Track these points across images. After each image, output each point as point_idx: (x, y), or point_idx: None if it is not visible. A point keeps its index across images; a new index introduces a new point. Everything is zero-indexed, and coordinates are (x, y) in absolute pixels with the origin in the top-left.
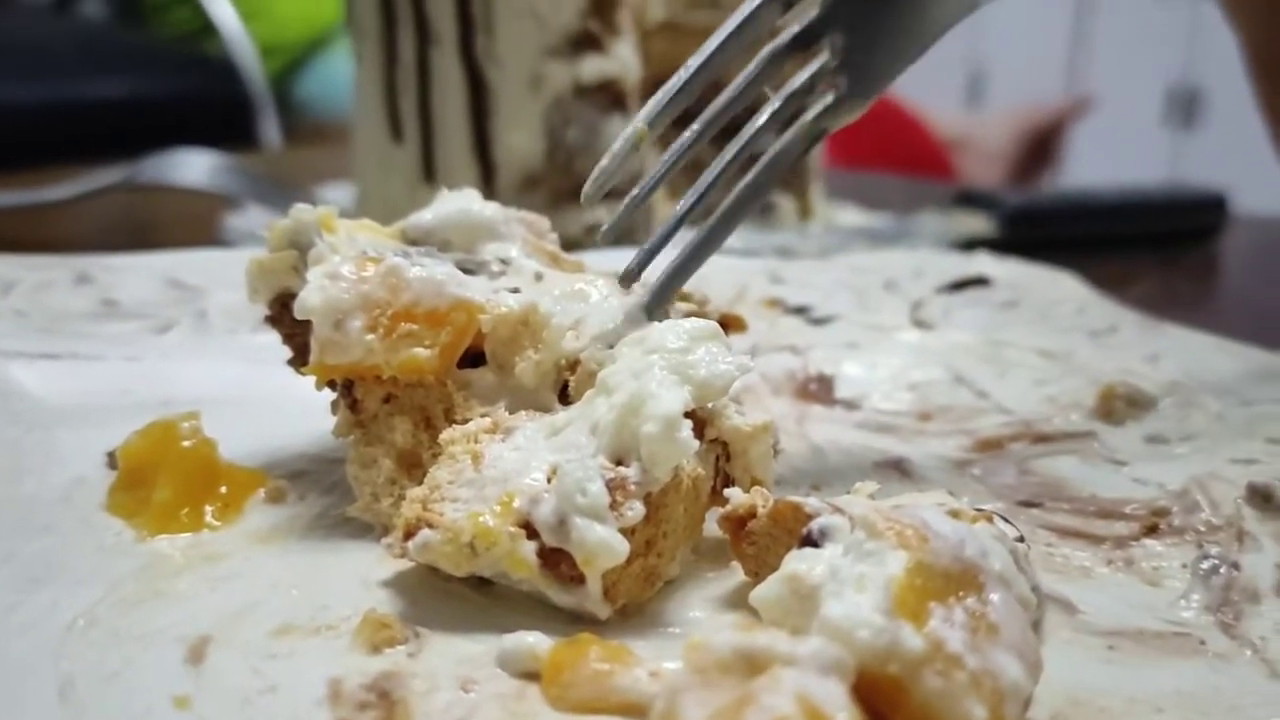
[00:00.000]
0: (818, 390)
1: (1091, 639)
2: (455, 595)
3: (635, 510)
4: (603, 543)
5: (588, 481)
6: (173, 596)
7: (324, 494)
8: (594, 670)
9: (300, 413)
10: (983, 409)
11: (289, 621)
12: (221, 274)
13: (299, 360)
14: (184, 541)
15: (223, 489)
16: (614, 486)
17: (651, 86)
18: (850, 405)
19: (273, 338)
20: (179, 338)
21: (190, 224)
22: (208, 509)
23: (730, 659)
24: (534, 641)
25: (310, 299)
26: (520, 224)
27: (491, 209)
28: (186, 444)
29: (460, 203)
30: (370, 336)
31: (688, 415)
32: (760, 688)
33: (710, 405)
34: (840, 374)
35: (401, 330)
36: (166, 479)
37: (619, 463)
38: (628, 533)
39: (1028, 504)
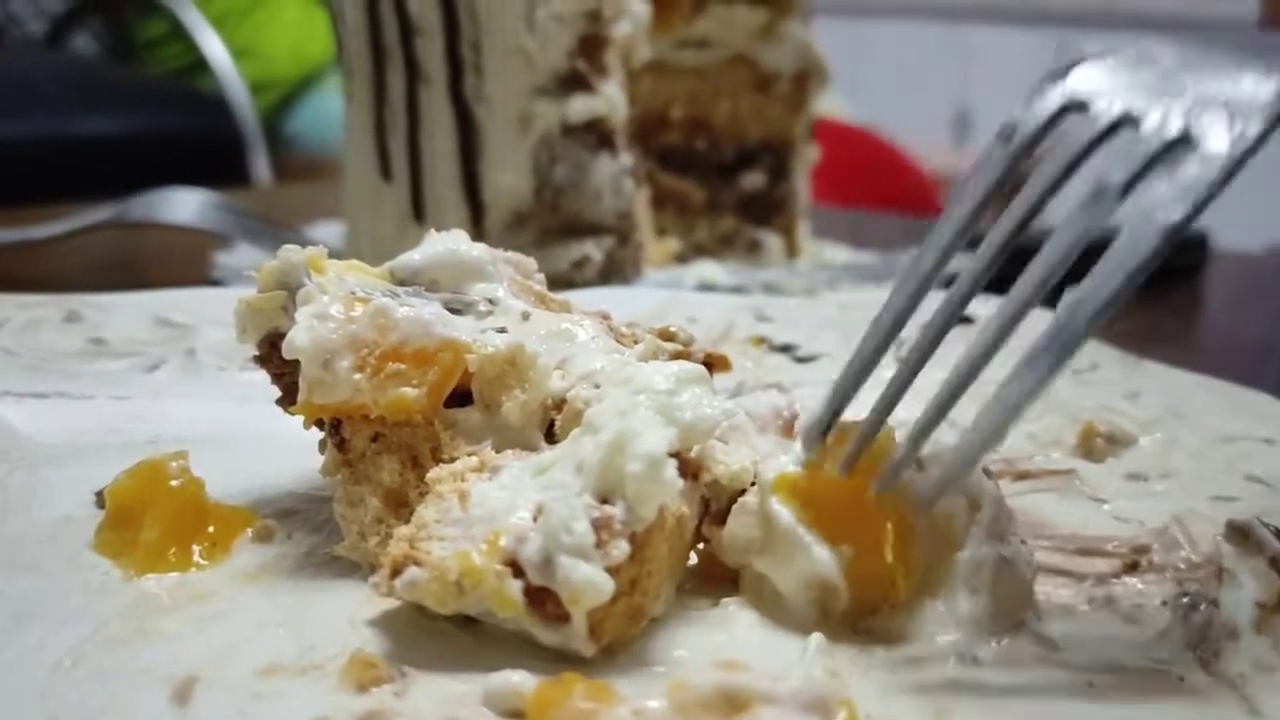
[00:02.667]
0: None
1: (1072, 675)
2: (441, 634)
3: (621, 549)
4: (588, 581)
5: (573, 520)
6: (159, 636)
7: (311, 533)
8: (578, 709)
9: (288, 451)
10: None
11: (275, 661)
12: (210, 312)
13: (287, 399)
14: (171, 581)
15: (210, 528)
16: (599, 525)
17: (638, 125)
18: None
19: (261, 376)
20: (168, 376)
21: (180, 262)
22: (195, 548)
23: (712, 697)
24: (519, 680)
25: (299, 339)
26: (507, 264)
27: (479, 249)
28: (174, 483)
29: (448, 243)
30: (358, 376)
31: (672, 455)
32: None
33: (696, 447)
34: None
35: (389, 370)
36: (154, 518)
37: (604, 501)
38: (613, 571)
39: None
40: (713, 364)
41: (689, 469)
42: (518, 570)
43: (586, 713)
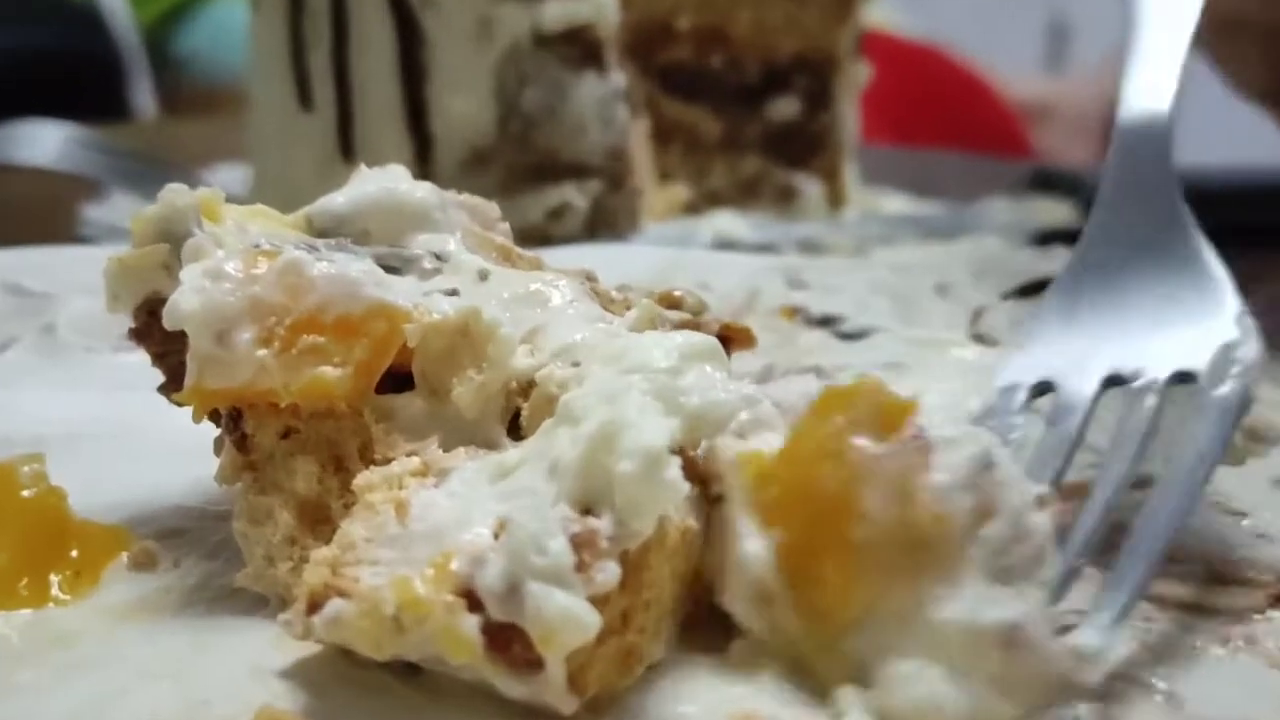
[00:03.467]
0: None
1: None
2: (375, 688)
3: (609, 573)
4: (566, 615)
5: (546, 536)
6: (8, 691)
7: (206, 558)
8: None
9: (174, 454)
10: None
11: (157, 719)
12: (75, 277)
13: (172, 385)
14: (23, 620)
15: (74, 552)
16: (581, 543)
17: (634, 35)
18: None
19: (140, 358)
20: (19, 358)
21: (38, 215)
22: (54, 578)
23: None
24: None
25: (184, 304)
26: (461, 210)
27: (423, 190)
28: (27, 494)
29: (383, 183)
30: (263, 352)
31: (676, 452)
32: None
33: (705, 444)
34: None
35: (303, 344)
36: (1, 539)
37: (587, 512)
38: (599, 602)
39: None
40: (731, 338)
41: (697, 471)
42: (474, 602)
43: None
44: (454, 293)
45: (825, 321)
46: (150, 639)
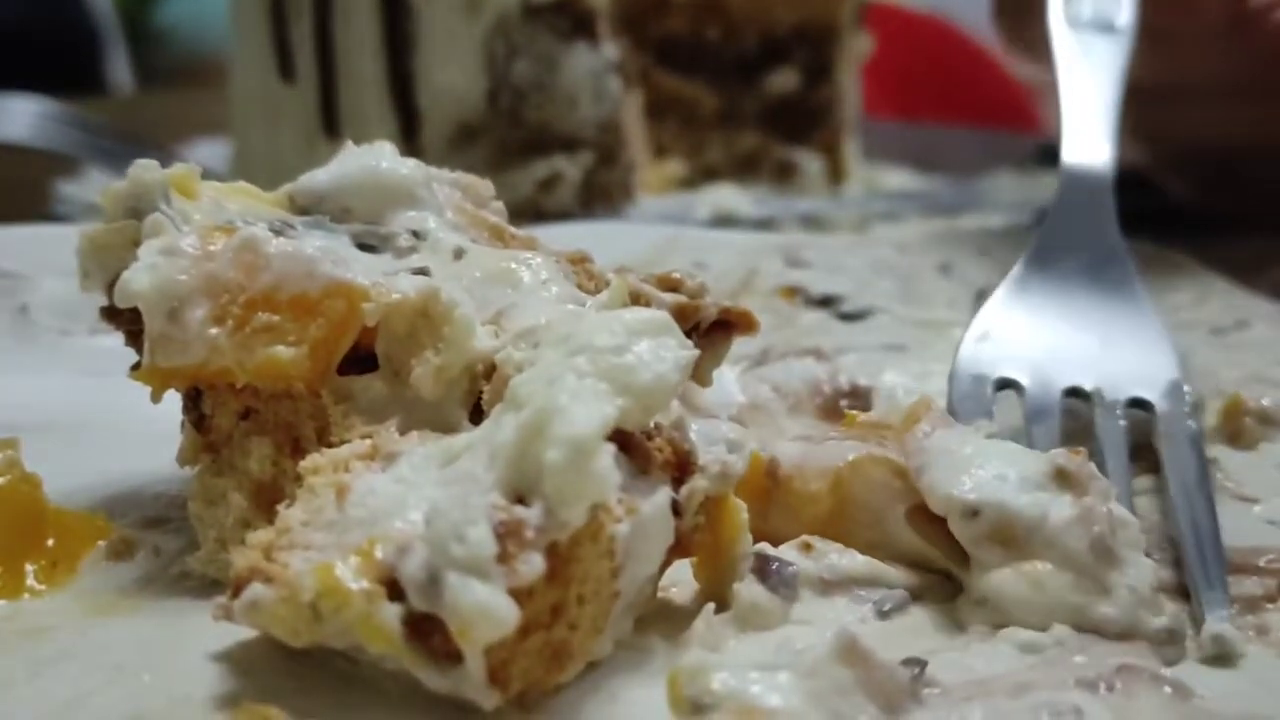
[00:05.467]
0: (851, 407)
1: None
2: (360, 680)
3: (531, 564)
4: (481, 607)
5: (467, 525)
6: None
7: (187, 548)
8: None
9: (154, 440)
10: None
11: (137, 714)
12: (49, 258)
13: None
14: None
15: (49, 541)
16: (505, 532)
17: (628, 6)
18: None
19: (116, 341)
20: None
21: (11, 193)
22: (29, 568)
23: None
24: None
25: (135, 281)
26: (452, 188)
27: (408, 167)
28: (1, 481)
29: (366, 159)
30: (215, 330)
31: (623, 437)
32: None
33: (663, 421)
34: (880, 385)
35: (258, 322)
36: None
37: (520, 501)
38: (523, 595)
39: None
40: (733, 323)
41: (644, 452)
42: (397, 591)
43: None
44: (423, 271)
45: (825, 302)
46: (128, 631)
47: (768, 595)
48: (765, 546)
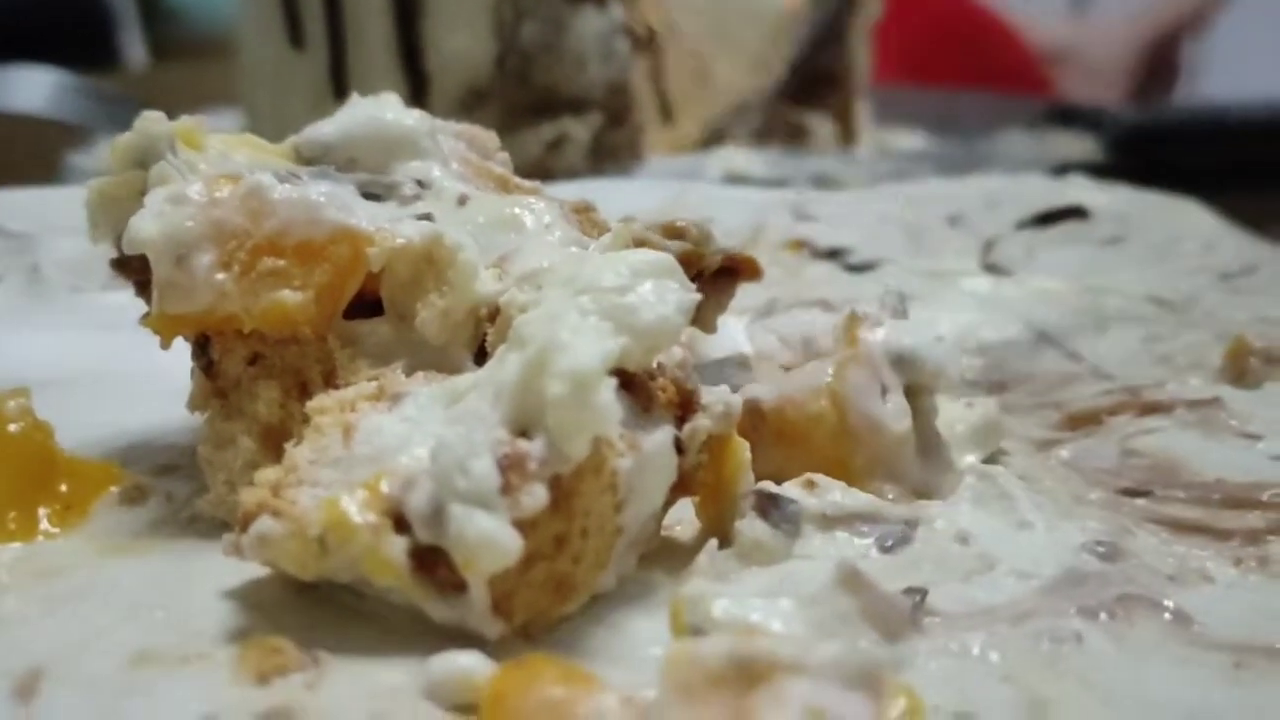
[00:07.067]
0: None
1: (1213, 656)
2: (366, 613)
3: (535, 496)
4: (485, 537)
5: (471, 458)
6: None
7: (198, 494)
8: (548, 699)
9: (167, 393)
10: (1075, 375)
11: (149, 649)
12: (61, 217)
13: None
14: (12, 554)
15: (63, 487)
16: (509, 465)
17: None
18: None
19: (127, 296)
20: (4, 300)
21: (24, 162)
22: (42, 512)
23: (723, 671)
24: (470, 665)
25: (143, 228)
26: (457, 139)
27: (413, 117)
28: (13, 428)
29: (370, 110)
30: (222, 276)
31: (626, 376)
32: (759, 703)
33: (667, 362)
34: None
35: (264, 267)
36: None
37: (522, 435)
38: (526, 526)
39: (1133, 492)
40: (738, 269)
41: (647, 391)
42: (403, 524)
43: (560, 704)
44: (428, 217)
45: (833, 254)
46: (140, 570)
47: (770, 531)
48: (768, 484)
